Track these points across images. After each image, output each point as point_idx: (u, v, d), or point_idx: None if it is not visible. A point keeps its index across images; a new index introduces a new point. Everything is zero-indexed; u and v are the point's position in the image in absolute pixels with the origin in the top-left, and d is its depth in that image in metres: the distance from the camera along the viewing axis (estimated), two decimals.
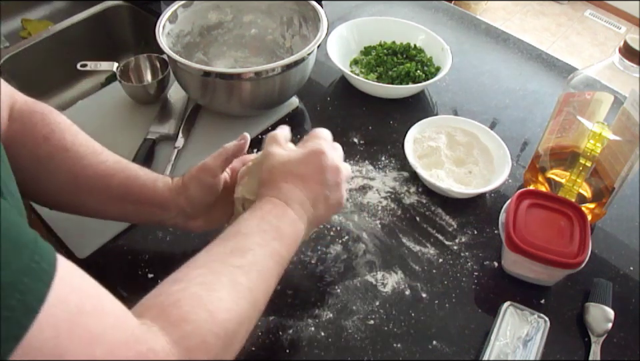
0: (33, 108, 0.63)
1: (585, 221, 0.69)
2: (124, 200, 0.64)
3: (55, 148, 0.62)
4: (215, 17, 0.97)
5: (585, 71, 0.73)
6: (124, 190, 0.64)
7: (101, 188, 0.64)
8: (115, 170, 0.64)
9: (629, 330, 0.67)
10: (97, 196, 0.64)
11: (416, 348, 0.64)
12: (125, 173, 0.64)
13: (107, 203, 0.65)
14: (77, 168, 0.63)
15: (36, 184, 0.63)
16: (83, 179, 0.63)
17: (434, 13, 1.20)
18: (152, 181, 0.65)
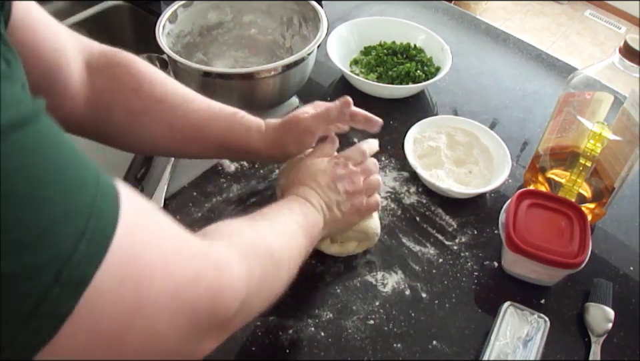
0: (113, 59, 0.62)
1: (585, 221, 0.69)
2: (219, 147, 0.67)
3: (147, 100, 0.62)
4: (214, 17, 0.97)
5: (585, 71, 0.73)
6: (219, 140, 0.66)
7: (196, 137, 0.66)
8: (209, 120, 0.65)
9: (628, 330, 0.67)
10: (192, 144, 0.66)
11: (416, 348, 0.64)
12: (219, 123, 0.65)
13: (202, 150, 0.68)
14: (172, 119, 0.63)
15: (131, 134, 0.64)
16: (178, 129, 0.64)
17: (434, 13, 1.20)
18: (246, 131, 0.66)
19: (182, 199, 0.78)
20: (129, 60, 0.62)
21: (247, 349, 0.63)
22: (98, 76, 0.60)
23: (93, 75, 0.60)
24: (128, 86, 0.61)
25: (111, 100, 0.60)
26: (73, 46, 0.58)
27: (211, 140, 0.66)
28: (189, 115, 0.64)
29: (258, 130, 0.67)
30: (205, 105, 0.65)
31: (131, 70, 0.61)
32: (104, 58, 0.61)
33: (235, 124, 0.66)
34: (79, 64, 0.59)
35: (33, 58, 0.49)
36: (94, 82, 0.60)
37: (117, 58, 0.62)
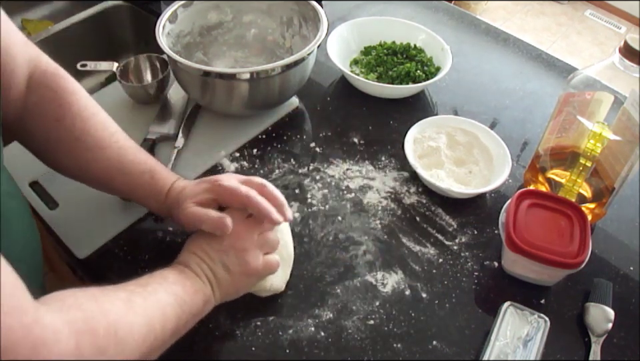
0: (49, 83, 0.61)
1: (585, 221, 0.69)
2: (125, 196, 0.70)
3: (63, 133, 0.62)
4: (215, 17, 0.97)
5: (585, 71, 0.73)
6: (123, 193, 0.68)
7: (101, 183, 0.67)
8: (115, 173, 0.65)
9: (629, 330, 0.67)
10: (100, 187, 0.68)
11: (416, 348, 0.64)
12: (124, 179, 0.65)
13: (112, 192, 0.69)
14: (83, 159, 0.64)
15: (48, 158, 0.66)
16: (87, 171, 0.65)
17: (434, 13, 1.20)
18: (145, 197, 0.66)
19: None
20: (63, 87, 0.62)
21: (247, 349, 0.63)
22: (32, 94, 0.61)
23: (29, 91, 0.61)
24: (52, 114, 0.61)
25: (35, 123, 0.61)
26: (21, 55, 0.58)
27: (114, 189, 0.68)
28: (99, 161, 0.64)
29: (157, 199, 0.66)
30: (117, 156, 0.64)
31: (60, 99, 0.61)
32: (43, 78, 0.61)
33: (139, 187, 0.65)
34: (22, 76, 0.59)
35: None
36: (27, 99, 0.60)
37: (53, 83, 0.62)
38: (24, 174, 0.78)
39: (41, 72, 0.62)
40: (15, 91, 0.58)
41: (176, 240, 0.73)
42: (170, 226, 0.75)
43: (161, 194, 0.66)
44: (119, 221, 0.75)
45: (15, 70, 0.58)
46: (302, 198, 0.80)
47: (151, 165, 0.67)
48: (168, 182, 0.66)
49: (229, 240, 0.60)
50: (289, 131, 0.90)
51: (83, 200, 0.76)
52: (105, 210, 0.75)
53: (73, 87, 0.64)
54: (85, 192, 0.70)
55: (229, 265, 0.60)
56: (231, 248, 0.60)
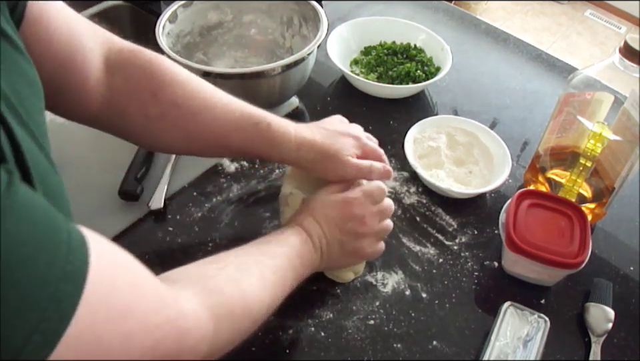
0: (132, 59, 0.59)
1: (585, 221, 0.69)
2: (243, 154, 0.68)
3: (164, 106, 0.59)
4: (215, 17, 0.97)
5: (585, 71, 0.73)
6: (241, 150, 0.64)
7: (216, 145, 0.64)
8: (230, 130, 0.62)
9: (629, 330, 0.67)
10: (213, 150, 0.66)
11: (416, 348, 0.64)
12: (240, 134, 0.62)
13: (226, 154, 0.70)
14: (191, 125, 0.61)
15: (147, 137, 0.63)
16: (197, 136, 0.62)
17: (434, 13, 1.20)
18: (268, 146, 0.63)
19: (182, 199, 0.78)
20: (149, 61, 0.59)
21: (247, 349, 0.63)
22: (115, 76, 0.58)
23: (110, 74, 0.58)
24: (146, 89, 0.58)
25: (127, 103, 0.58)
26: (91, 41, 0.56)
27: (232, 148, 0.64)
28: (208, 123, 0.61)
29: (284, 145, 0.63)
30: (227, 112, 0.62)
31: (151, 73, 0.59)
32: (123, 57, 0.58)
33: (257, 136, 0.62)
34: (96, 60, 0.56)
35: (47, 53, 0.48)
36: (110, 81, 0.57)
37: (136, 59, 0.59)
38: None
39: (116, 51, 0.58)
40: (93, 80, 0.56)
41: (176, 240, 0.73)
42: (170, 226, 0.75)
43: (286, 142, 0.62)
44: (118, 221, 0.75)
45: (88, 58, 0.55)
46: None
47: (264, 114, 0.63)
48: (289, 129, 0.63)
49: (354, 222, 0.62)
50: None
51: (83, 200, 0.76)
52: (105, 210, 0.75)
53: (157, 57, 0.60)
54: (85, 192, 0.70)
55: (344, 244, 0.62)
56: (353, 231, 0.62)
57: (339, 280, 0.69)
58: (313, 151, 0.63)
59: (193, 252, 0.72)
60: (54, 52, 0.50)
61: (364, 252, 0.64)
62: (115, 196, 0.75)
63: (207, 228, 0.75)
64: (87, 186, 0.78)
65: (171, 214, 0.76)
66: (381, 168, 0.65)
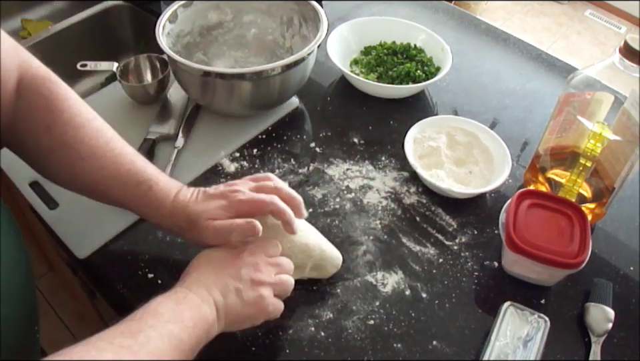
0: (39, 88, 0.59)
1: (585, 221, 0.69)
2: (124, 207, 0.64)
3: (56, 142, 0.59)
4: (215, 17, 0.97)
5: (585, 71, 0.73)
6: (120, 204, 0.64)
7: (97, 194, 0.64)
8: (111, 182, 0.62)
9: (629, 330, 0.67)
10: (96, 197, 0.64)
11: (416, 348, 0.64)
12: (120, 190, 0.62)
13: (107, 203, 0.65)
14: (76, 168, 0.61)
15: (40, 167, 0.63)
16: (80, 180, 0.62)
17: (434, 13, 1.20)
18: (145, 206, 0.62)
19: None
20: (55, 93, 0.59)
21: (247, 349, 0.63)
22: (21, 100, 0.58)
23: (18, 97, 0.58)
24: (42, 121, 0.58)
25: (25, 130, 0.59)
26: (10, 61, 0.56)
27: (112, 201, 0.64)
28: (93, 171, 0.61)
29: (160, 210, 0.62)
30: (113, 165, 0.61)
31: (51, 105, 0.59)
32: (33, 83, 0.59)
33: (136, 196, 0.62)
34: (11, 81, 0.57)
35: None
36: (16, 104, 0.58)
37: (44, 88, 0.59)
38: (24, 174, 0.78)
39: (30, 76, 0.59)
40: (4, 98, 0.56)
41: (176, 240, 0.73)
42: None
43: (162, 207, 0.62)
44: (118, 221, 0.75)
45: (4, 77, 0.55)
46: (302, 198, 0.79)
47: (150, 175, 0.62)
48: (169, 194, 0.62)
49: (247, 270, 0.57)
50: (289, 131, 0.90)
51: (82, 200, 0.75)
52: (105, 210, 0.75)
53: (65, 93, 0.60)
54: None
55: (242, 294, 0.56)
56: (248, 278, 0.57)
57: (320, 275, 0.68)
58: (183, 217, 0.61)
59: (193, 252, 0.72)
60: None
61: (264, 302, 0.57)
62: None
63: None
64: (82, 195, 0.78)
65: None
66: (242, 224, 0.58)
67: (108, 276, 0.70)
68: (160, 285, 0.68)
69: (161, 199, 0.62)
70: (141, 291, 0.68)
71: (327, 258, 0.67)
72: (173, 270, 0.69)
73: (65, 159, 0.60)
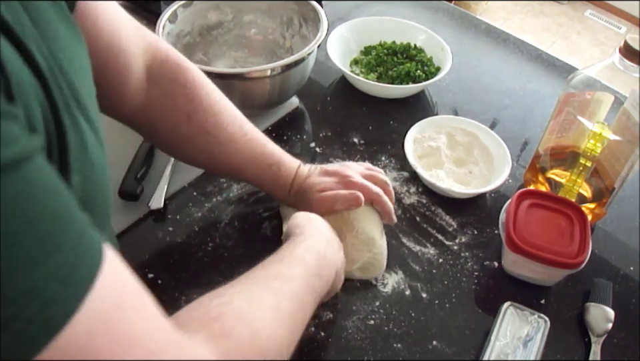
0: (175, 75, 0.60)
1: (585, 221, 0.69)
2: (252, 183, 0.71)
3: (196, 129, 0.62)
4: (215, 17, 0.97)
5: (585, 71, 0.73)
6: (250, 181, 0.70)
7: (230, 173, 0.71)
8: (246, 164, 0.66)
9: (629, 330, 0.67)
10: (227, 175, 0.75)
11: (416, 348, 0.64)
12: (253, 171, 0.67)
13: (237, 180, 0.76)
14: (215, 153, 0.64)
15: (174, 150, 0.67)
16: (217, 162, 0.66)
17: (434, 13, 1.20)
18: (272, 185, 0.68)
19: (182, 199, 0.78)
20: (192, 81, 0.61)
21: None
22: (155, 87, 0.59)
23: (150, 84, 0.59)
24: (182, 109, 0.60)
25: (161, 118, 0.60)
26: (136, 45, 0.56)
27: (243, 179, 0.71)
28: (230, 155, 0.65)
29: (283, 189, 0.68)
30: (248, 148, 0.66)
31: (191, 94, 0.60)
32: (166, 69, 0.59)
33: (266, 176, 0.68)
34: (139, 67, 0.57)
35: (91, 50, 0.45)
36: (150, 92, 0.59)
37: (179, 74, 0.60)
38: None
39: (161, 61, 0.60)
40: (133, 87, 0.57)
41: (176, 240, 0.73)
42: (170, 226, 0.75)
43: (287, 185, 0.68)
44: (118, 221, 0.75)
45: (131, 64, 0.55)
46: None
47: (279, 157, 0.68)
48: (292, 171, 0.68)
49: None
50: (289, 131, 0.90)
51: None
52: None
53: (201, 79, 0.63)
54: None
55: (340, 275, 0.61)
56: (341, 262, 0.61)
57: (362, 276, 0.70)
58: (300, 190, 0.68)
59: (193, 251, 0.72)
60: (97, 50, 0.49)
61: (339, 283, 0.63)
62: (114, 196, 0.75)
63: (206, 228, 0.75)
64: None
65: (170, 214, 0.76)
66: (346, 194, 0.65)
67: None
68: (160, 285, 0.68)
69: (287, 177, 0.68)
70: None
71: (380, 260, 0.69)
72: (173, 270, 0.70)
73: (204, 145, 0.64)
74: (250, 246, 0.73)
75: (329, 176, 0.68)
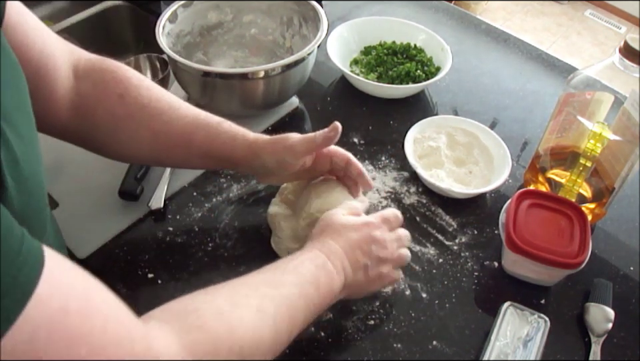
0: (100, 66, 0.62)
1: (585, 221, 0.69)
2: (203, 155, 0.66)
3: (132, 106, 0.62)
4: (215, 17, 0.97)
5: (585, 71, 0.73)
6: (204, 147, 0.65)
7: (180, 144, 0.65)
8: (195, 127, 0.64)
9: (628, 330, 0.67)
10: (177, 151, 0.65)
11: (416, 348, 0.64)
12: (204, 131, 0.64)
13: (186, 158, 0.66)
14: (157, 124, 0.63)
15: (115, 141, 0.64)
16: (163, 135, 0.63)
17: (434, 13, 1.20)
18: (231, 139, 0.65)
19: (182, 199, 0.78)
20: (115, 66, 0.62)
21: None
22: (84, 82, 0.60)
23: (79, 80, 0.60)
24: (114, 91, 0.61)
25: (96, 105, 0.61)
26: (61, 51, 0.59)
27: (195, 147, 0.64)
28: (174, 122, 0.63)
29: (243, 139, 0.65)
30: (191, 112, 0.65)
31: (118, 76, 0.61)
32: (90, 65, 0.62)
33: (221, 133, 0.65)
34: (66, 69, 0.59)
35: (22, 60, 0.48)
36: (79, 87, 0.60)
37: (104, 65, 0.62)
38: None
39: (85, 60, 0.62)
40: (62, 88, 0.58)
41: (176, 240, 0.73)
42: (170, 226, 0.75)
43: (247, 135, 0.65)
44: (118, 221, 0.75)
45: (58, 67, 0.57)
46: None
47: (222, 119, 0.66)
48: (246, 130, 0.66)
49: (376, 246, 0.60)
50: (289, 131, 0.89)
51: (83, 200, 0.76)
52: (105, 210, 0.75)
53: (122, 65, 0.63)
54: (85, 192, 0.70)
55: (369, 270, 0.60)
56: (376, 255, 0.60)
57: None
58: (261, 141, 0.65)
59: (193, 252, 0.72)
60: (28, 58, 0.51)
61: (384, 278, 0.62)
62: (115, 196, 0.75)
63: (206, 228, 0.75)
64: (87, 186, 0.78)
65: (170, 214, 0.76)
66: (325, 132, 0.63)
67: (108, 276, 0.70)
68: (160, 285, 0.68)
69: (244, 131, 0.65)
70: (141, 291, 0.68)
71: None
72: (172, 270, 0.70)
73: (144, 119, 0.62)
74: (250, 246, 0.73)
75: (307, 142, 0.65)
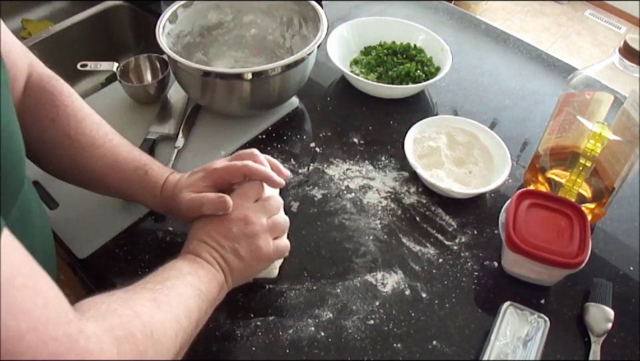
0: (45, 85, 0.63)
1: (585, 221, 0.69)
2: (121, 195, 0.70)
3: (59, 133, 0.63)
4: (215, 17, 0.97)
5: (585, 71, 0.73)
6: (119, 190, 0.68)
7: (97, 182, 0.67)
8: (111, 170, 0.66)
9: (628, 330, 0.67)
10: (96, 186, 0.68)
11: (416, 348, 0.64)
12: (119, 176, 0.66)
13: (107, 193, 0.70)
14: (78, 158, 0.65)
15: (46, 162, 0.66)
16: (82, 170, 0.66)
17: (434, 13, 1.20)
18: (141, 190, 0.66)
19: None
20: (57, 89, 0.64)
21: (247, 349, 0.63)
22: (28, 97, 0.62)
23: (25, 94, 0.62)
24: (47, 114, 0.63)
25: (31, 124, 0.62)
26: (22, 63, 0.61)
27: (110, 187, 0.68)
28: (93, 160, 0.65)
29: (152, 193, 0.66)
30: (111, 154, 0.66)
31: (55, 100, 0.63)
32: (38, 81, 0.63)
33: (134, 182, 0.66)
34: (21, 79, 0.61)
35: None
36: (24, 101, 0.62)
37: (49, 85, 0.64)
38: None
39: (37, 75, 0.63)
40: (15, 96, 0.60)
41: (176, 240, 0.73)
42: (170, 226, 0.75)
43: (156, 189, 0.66)
44: (118, 221, 0.75)
45: (16, 76, 0.59)
46: (302, 198, 0.80)
47: (145, 161, 0.67)
48: (162, 177, 0.67)
49: (238, 226, 0.60)
50: (289, 131, 0.90)
51: (83, 200, 0.76)
52: (105, 210, 0.75)
53: (68, 90, 0.66)
54: (85, 192, 0.70)
55: (240, 251, 0.59)
56: (241, 234, 0.59)
57: (266, 281, 0.68)
58: (172, 195, 0.65)
59: None
60: None
61: (262, 252, 0.60)
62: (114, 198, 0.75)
63: None
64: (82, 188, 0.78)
65: None
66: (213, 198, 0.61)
67: (108, 276, 0.70)
68: None
69: (155, 182, 0.66)
70: None
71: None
72: None
73: (68, 150, 0.64)
74: None
75: (196, 173, 0.65)
